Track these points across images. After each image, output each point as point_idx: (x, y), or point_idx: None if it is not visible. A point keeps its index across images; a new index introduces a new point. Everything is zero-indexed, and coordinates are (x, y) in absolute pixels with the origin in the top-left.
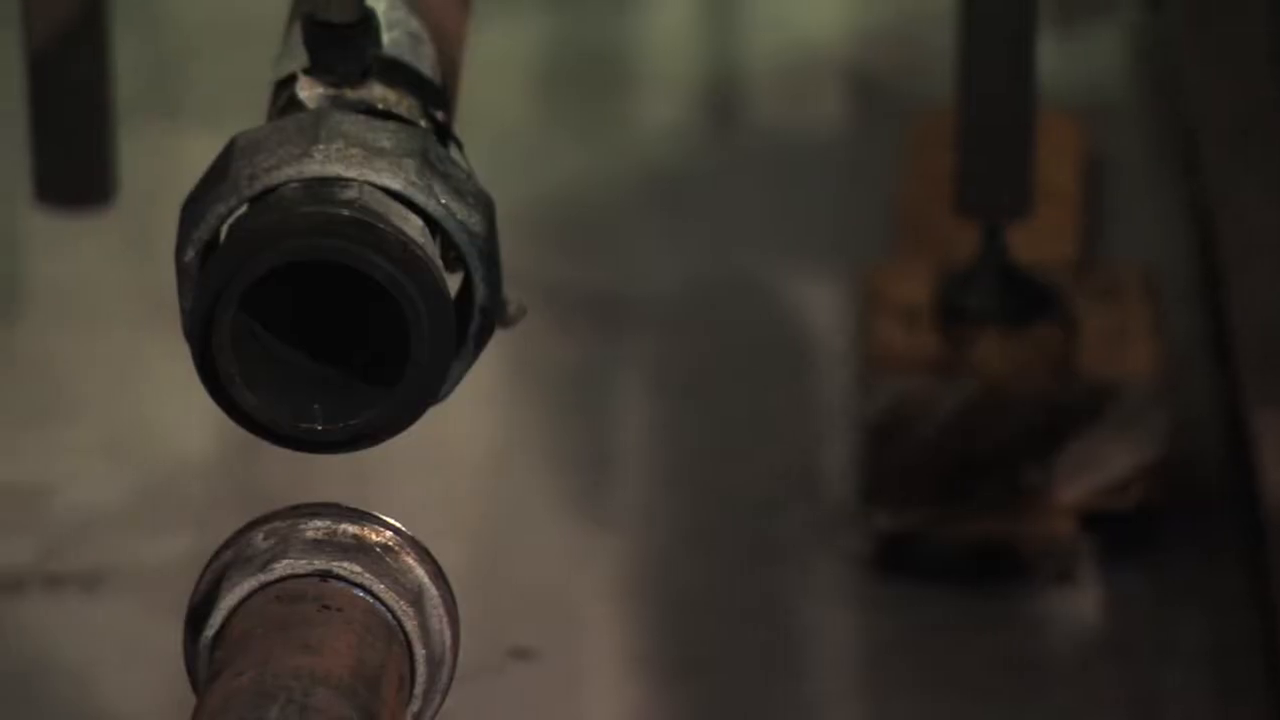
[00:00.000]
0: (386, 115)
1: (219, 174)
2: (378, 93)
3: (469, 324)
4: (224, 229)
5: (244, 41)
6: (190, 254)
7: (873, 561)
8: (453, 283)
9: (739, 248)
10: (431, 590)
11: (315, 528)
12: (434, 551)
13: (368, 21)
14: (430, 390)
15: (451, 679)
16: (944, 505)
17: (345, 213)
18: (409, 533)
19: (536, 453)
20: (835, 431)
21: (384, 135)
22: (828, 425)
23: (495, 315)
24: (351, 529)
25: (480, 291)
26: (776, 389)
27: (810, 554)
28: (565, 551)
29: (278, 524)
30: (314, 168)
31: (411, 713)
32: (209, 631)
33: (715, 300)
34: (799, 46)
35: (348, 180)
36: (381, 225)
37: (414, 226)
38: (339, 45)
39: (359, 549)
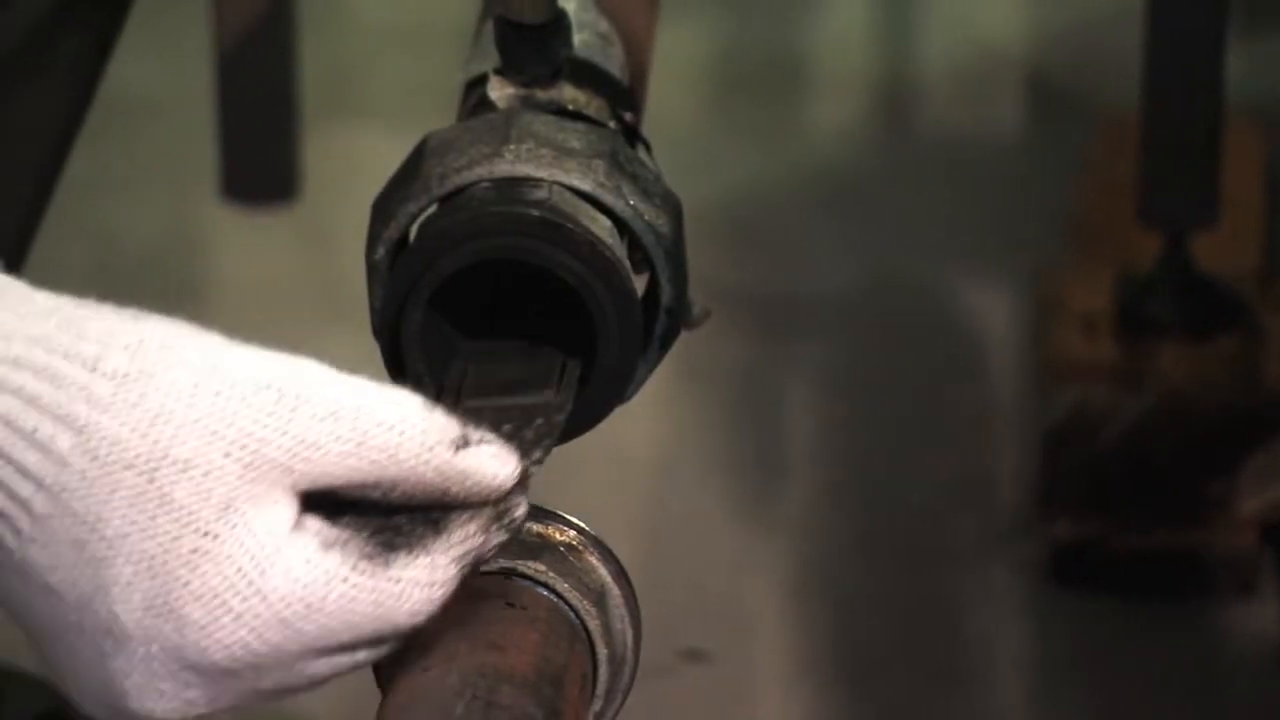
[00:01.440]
0: (576, 116)
1: (410, 173)
2: (568, 93)
3: (654, 325)
4: (414, 228)
5: (423, 42)
6: (380, 252)
7: (1047, 570)
8: (639, 284)
9: (912, 251)
10: (614, 590)
11: None
12: None
13: (559, 22)
14: (616, 391)
15: (633, 680)
16: (1122, 515)
17: (535, 213)
18: (593, 532)
19: (707, 454)
20: (1008, 437)
21: (574, 136)
22: (1000, 431)
23: (681, 317)
24: (536, 527)
25: (666, 293)
26: (948, 393)
27: (983, 560)
28: (736, 554)
29: None
30: (504, 167)
31: (593, 712)
32: None
33: (887, 303)
34: (976, 48)
35: (538, 180)
36: (570, 225)
37: (602, 227)
38: (531, 46)
39: (543, 547)
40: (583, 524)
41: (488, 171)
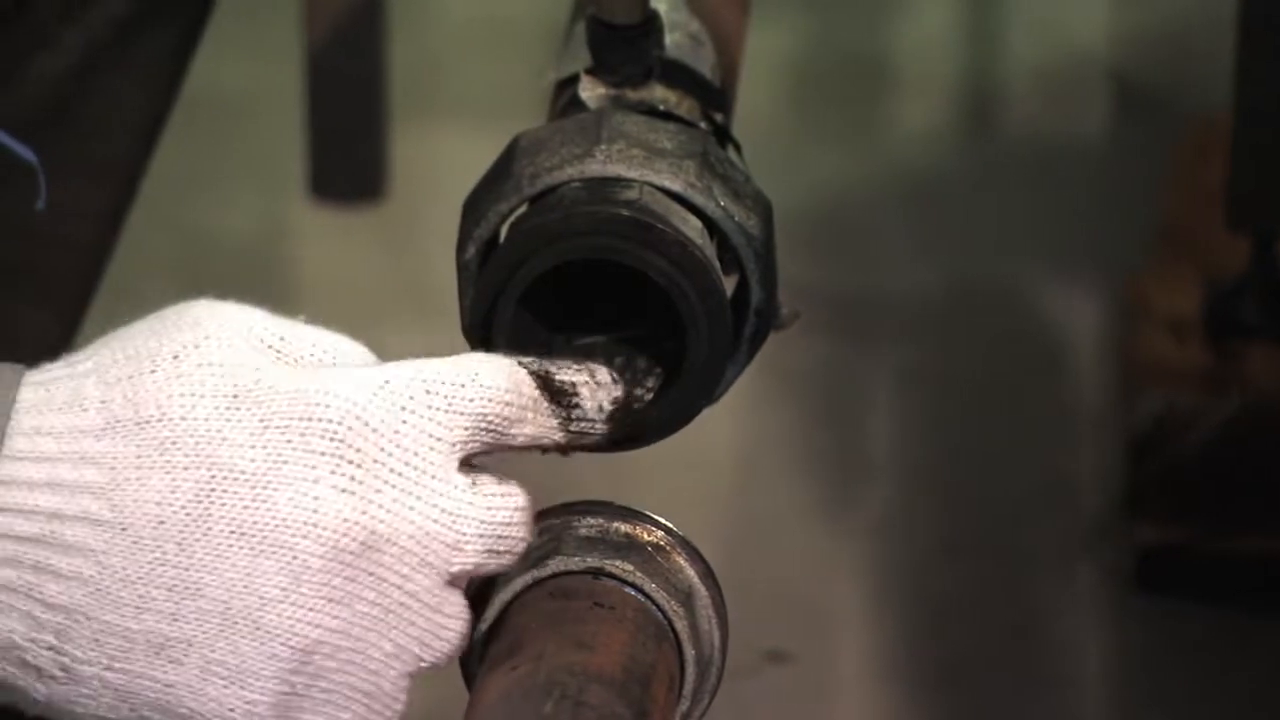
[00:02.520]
0: (667, 116)
1: (501, 172)
2: (659, 94)
3: (743, 326)
4: (505, 227)
5: (512, 41)
6: (471, 251)
7: (1131, 575)
8: (728, 285)
9: (996, 253)
10: (701, 591)
11: (588, 525)
12: None
13: (652, 23)
14: (706, 391)
15: (720, 680)
16: (1209, 521)
17: (625, 213)
18: (680, 533)
19: (790, 455)
20: (1092, 441)
21: (665, 136)
22: (1085, 434)
23: (770, 318)
24: (624, 528)
25: (756, 294)
26: (1032, 396)
27: (1067, 565)
28: (819, 555)
29: (551, 521)
30: (595, 168)
31: (680, 713)
32: (483, 625)
33: (971, 305)
34: (1062, 49)
35: (629, 181)
36: (661, 226)
37: (693, 228)
38: (623, 46)
39: (630, 547)
40: (670, 524)
41: (579, 171)
